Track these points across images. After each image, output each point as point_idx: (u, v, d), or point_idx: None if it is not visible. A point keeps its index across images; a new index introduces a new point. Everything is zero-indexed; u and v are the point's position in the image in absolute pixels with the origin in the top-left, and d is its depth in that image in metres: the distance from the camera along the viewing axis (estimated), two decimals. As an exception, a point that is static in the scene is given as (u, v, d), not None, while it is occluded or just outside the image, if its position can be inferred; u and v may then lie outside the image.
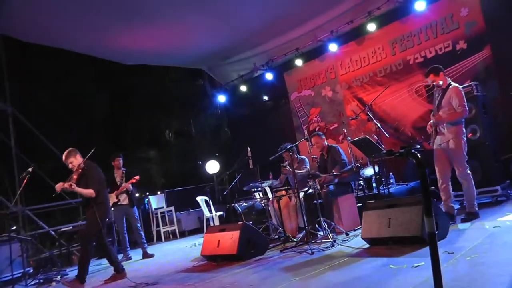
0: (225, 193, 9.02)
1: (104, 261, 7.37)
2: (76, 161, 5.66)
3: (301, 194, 6.47)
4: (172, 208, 10.64)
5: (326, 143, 6.85)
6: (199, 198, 9.73)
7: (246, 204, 7.46)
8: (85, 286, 5.47)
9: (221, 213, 9.66)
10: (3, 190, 9.87)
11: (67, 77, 11.69)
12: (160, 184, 13.51)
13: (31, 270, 7.78)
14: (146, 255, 7.74)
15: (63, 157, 5.72)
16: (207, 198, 9.84)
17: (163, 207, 10.83)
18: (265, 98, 11.31)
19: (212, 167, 11.16)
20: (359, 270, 3.94)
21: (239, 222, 5.93)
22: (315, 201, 6.02)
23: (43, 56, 10.68)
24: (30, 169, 6.40)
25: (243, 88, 11.37)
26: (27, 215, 9.30)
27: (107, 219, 6.08)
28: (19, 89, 10.36)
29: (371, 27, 8.83)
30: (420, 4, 8.05)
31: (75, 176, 5.47)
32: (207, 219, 9.69)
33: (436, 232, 3.35)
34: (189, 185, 11.66)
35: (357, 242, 5.18)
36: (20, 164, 9.43)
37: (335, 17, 9.14)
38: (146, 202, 11.84)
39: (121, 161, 8.05)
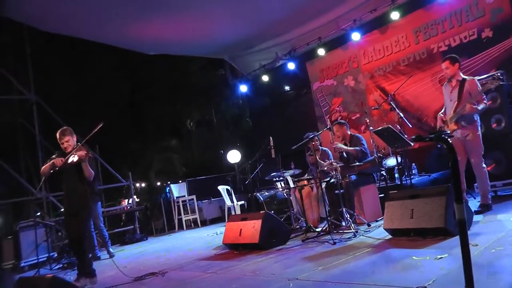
0: (246, 182, 9.06)
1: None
2: (72, 141, 5.37)
3: (323, 185, 6.54)
4: (194, 197, 10.77)
5: (349, 132, 6.81)
6: (220, 187, 9.82)
7: (268, 193, 7.45)
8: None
9: (242, 202, 9.74)
10: (28, 177, 10.14)
11: (89, 67, 11.86)
12: (181, 173, 13.65)
13: (55, 255, 7.99)
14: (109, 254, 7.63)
15: (58, 135, 5.39)
16: (228, 187, 9.92)
17: (184, 196, 10.95)
18: (287, 88, 11.27)
19: (234, 156, 11.24)
20: (382, 261, 3.94)
21: (261, 212, 5.96)
22: (337, 191, 6.02)
23: (66, 46, 10.85)
24: (54, 156, 6.37)
25: (265, 78, 11.38)
26: (51, 201, 9.53)
27: None
28: (43, 78, 10.56)
29: (395, 15, 8.74)
30: (445, -9, 7.92)
31: (70, 159, 5.13)
32: (229, 208, 9.79)
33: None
34: (210, 174, 11.77)
35: (379, 233, 5.17)
36: (44, 151, 9.69)
37: (358, 6, 9.09)
38: (167, 190, 11.97)
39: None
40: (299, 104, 11.23)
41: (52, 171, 5.21)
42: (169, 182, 12.16)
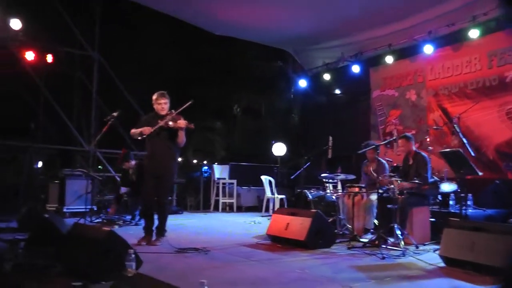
0: (292, 177, 9.08)
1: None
2: (168, 105, 5.69)
3: (375, 196, 6.48)
4: (235, 181, 10.88)
5: (414, 148, 6.67)
6: (263, 177, 9.87)
7: (316, 193, 7.48)
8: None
9: (283, 196, 9.73)
10: (79, 129, 10.45)
11: (149, 37, 12.02)
12: (220, 157, 13.73)
13: (96, 208, 8.33)
14: None
15: (156, 95, 5.67)
16: (271, 179, 9.91)
17: (225, 179, 11.06)
18: (346, 90, 11.17)
19: (279, 149, 11.27)
20: (436, 288, 3.83)
21: (312, 210, 5.95)
22: (389, 206, 5.95)
23: (131, 12, 10.97)
24: (115, 114, 6.56)
25: (326, 76, 11.24)
26: (97, 156, 9.87)
27: None
28: (106, 40, 10.84)
29: (473, 33, 8.32)
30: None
31: (171, 123, 5.49)
32: (268, 200, 9.82)
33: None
34: (250, 162, 11.80)
35: (430, 257, 5.06)
36: (99, 108, 10.13)
37: (435, 17, 8.77)
38: (204, 170, 12.16)
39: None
40: (355, 109, 11.07)
41: (139, 137, 5.57)
42: (213, 163, 12.28)
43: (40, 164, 9.40)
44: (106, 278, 3.59)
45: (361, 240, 6.05)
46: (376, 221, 6.56)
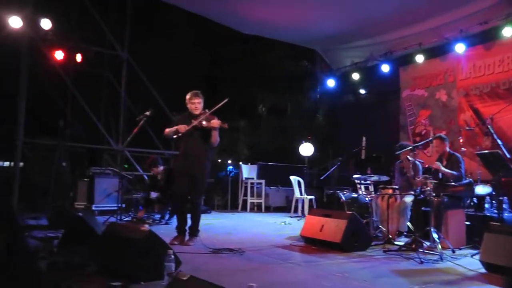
0: (322, 178, 9.02)
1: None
2: (202, 104, 5.69)
3: (409, 198, 6.38)
4: (263, 181, 10.86)
5: (448, 149, 6.54)
6: (292, 178, 9.83)
7: (349, 194, 7.42)
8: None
9: (312, 197, 9.71)
10: (106, 128, 10.51)
11: (177, 36, 12.09)
12: (243, 156, 13.67)
13: (124, 207, 8.31)
14: None
15: (190, 95, 5.68)
16: (300, 179, 9.88)
17: (253, 178, 11.04)
18: (374, 90, 11.08)
19: (307, 149, 11.24)
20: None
21: (348, 212, 5.88)
22: (424, 209, 5.83)
23: (162, 11, 11.11)
24: (148, 113, 6.51)
25: (355, 76, 11.16)
26: (125, 155, 9.97)
27: None
28: (135, 39, 10.89)
29: (507, 32, 8.09)
30: None
31: (204, 122, 5.48)
32: (296, 200, 9.78)
33: None
34: (275, 162, 11.78)
35: (468, 263, 4.94)
36: (126, 108, 10.22)
37: (466, 16, 8.63)
38: (228, 169, 12.13)
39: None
40: (384, 110, 10.93)
41: (175, 136, 5.57)
42: (238, 162, 12.28)
43: (67, 162, 9.38)
44: (145, 278, 3.59)
45: (396, 243, 5.94)
46: (409, 224, 6.44)
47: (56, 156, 8.74)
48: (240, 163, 11.75)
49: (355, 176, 7.23)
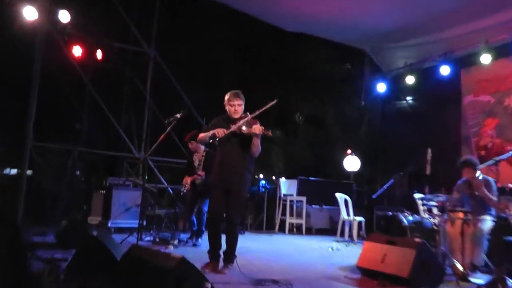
0: (374, 196, 8.45)
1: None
2: (242, 107, 5.19)
3: (487, 224, 5.61)
4: (304, 199, 10.18)
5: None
6: (339, 196, 9.12)
7: (412, 217, 6.67)
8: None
9: (361, 218, 9.05)
10: (128, 134, 10.25)
11: (209, 35, 11.89)
12: (277, 170, 13.36)
13: (145, 223, 7.97)
14: None
15: (229, 95, 5.18)
16: (347, 198, 9.20)
17: (293, 195, 10.40)
18: (432, 95, 10.33)
19: (352, 163, 10.65)
20: None
21: (416, 239, 5.08)
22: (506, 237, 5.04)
23: (193, 5, 10.99)
24: (179, 115, 6.09)
25: (409, 79, 10.47)
26: (148, 165, 9.43)
27: None
28: (164, 36, 10.72)
29: None
30: None
31: (244, 128, 4.95)
32: (343, 222, 9.11)
33: None
34: (314, 176, 11.12)
35: None
36: (151, 111, 10.03)
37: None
38: (261, 185, 11.65)
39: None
40: (443, 118, 10.14)
41: (211, 140, 5.11)
42: (260, 175, 11.99)
43: (82, 170, 9.39)
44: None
45: (472, 280, 5.10)
46: (485, 257, 5.65)
47: (70, 163, 8.60)
48: (280, 178, 11.16)
49: (417, 195, 6.72)
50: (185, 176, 7.30)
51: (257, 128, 4.92)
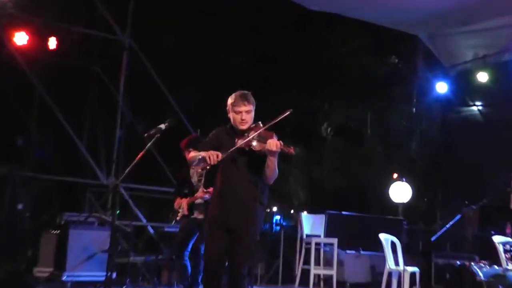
0: (432, 239, 8.43)
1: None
2: (252, 114, 4.75)
3: None
4: (335, 241, 9.79)
5: None
6: (383, 237, 8.72)
7: (491, 269, 6.54)
8: None
9: (415, 269, 8.65)
10: (92, 153, 10.16)
11: (206, 25, 11.87)
12: (297, 202, 13.14)
13: (115, 276, 7.73)
14: None
15: (235, 97, 4.74)
16: (395, 240, 8.84)
17: (319, 236, 10.02)
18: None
19: (401, 192, 10.13)
20: None
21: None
22: None
23: None
24: (163, 126, 5.49)
25: (481, 76, 10.26)
26: (120, 194, 9.47)
27: None
28: (144, 20, 10.77)
29: None
30: None
31: (255, 143, 4.55)
32: (390, 273, 8.68)
33: None
34: (351, 211, 10.84)
35: None
36: (125, 118, 10.10)
37: None
38: (275, 221, 11.89)
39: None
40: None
41: (201, 169, 5.24)
42: (274, 208, 11.95)
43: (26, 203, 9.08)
44: None
45: None
46: None
47: (9, 191, 8.45)
48: (301, 212, 10.78)
49: (497, 238, 6.83)
50: (177, 198, 7.06)
51: (274, 144, 4.47)
